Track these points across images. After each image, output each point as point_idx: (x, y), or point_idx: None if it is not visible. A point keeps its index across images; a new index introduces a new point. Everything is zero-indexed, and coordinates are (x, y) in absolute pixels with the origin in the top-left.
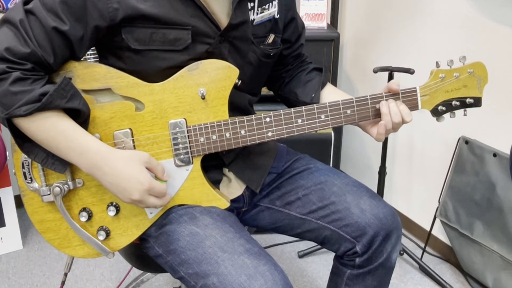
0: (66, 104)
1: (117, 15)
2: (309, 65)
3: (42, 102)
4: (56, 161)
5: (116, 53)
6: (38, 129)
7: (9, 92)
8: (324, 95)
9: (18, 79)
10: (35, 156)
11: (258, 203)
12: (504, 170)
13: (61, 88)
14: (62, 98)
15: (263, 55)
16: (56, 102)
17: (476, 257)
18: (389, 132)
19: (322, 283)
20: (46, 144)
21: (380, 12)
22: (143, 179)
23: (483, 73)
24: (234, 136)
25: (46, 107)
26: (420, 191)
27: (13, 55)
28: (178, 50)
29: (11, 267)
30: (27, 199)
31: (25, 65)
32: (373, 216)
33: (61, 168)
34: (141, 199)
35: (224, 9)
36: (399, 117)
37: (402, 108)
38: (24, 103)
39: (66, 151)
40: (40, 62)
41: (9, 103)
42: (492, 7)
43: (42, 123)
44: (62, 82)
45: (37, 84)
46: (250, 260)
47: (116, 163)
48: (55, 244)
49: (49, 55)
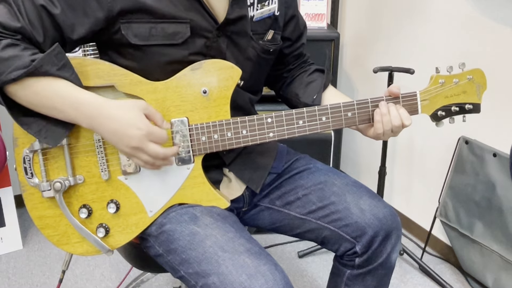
0: (57, 71)
1: (115, 5)
2: (311, 66)
3: (33, 65)
4: (50, 133)
5: (117, 50)
6: (31, 92)
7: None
8: (325, 97)
9: (9, 45)
10: (28, 127)
11: (258, 203)
12: (504, 170)
13: (52, 55)
14: (53, 65)
15: (263, 51)
16: (47, 67)
17: (476, 257)
18: (388, 134)
19: (322, 283)
20: (41, 106)
21: (380, 12)
22: (141, 124)
23: (482, 80)
24: (236, 136)
25: (37, 70)
26: (420, 191)
27: (3, 28)
28: (177, 44)
29: (11, 267)
30: (27, 195)
31: (15, 36)
32: (373, 216)
33: (54, 141)
34: (140, 145)
35: (222, 4)
36: (399, 120)
37: (401, 111)
38: (14, 68)
39: (62, 108)
40: (30, 39)
41: (0, 70)
42: (492, 7)
43: (35, 86)
44: (54, 49)
45: (28, 51)
46: (250, 260)
47: (114, 111)
48: (54, 240)
49: (39, 34)
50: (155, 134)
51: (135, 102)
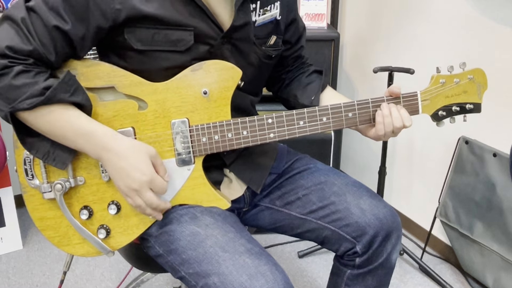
0: (70, 98)
1: (119, 15)
2: (310, 68)
3: (46, 96)
4: (57, 157)
5: (118, 53)
6: (43, 121)
7: (12, 86)
8: (324, 98)
9: (21, 71)
10: (36, 151)
11: (258, 203)
12: (504, 170)
13: (64, 82)
14: (66, 92)
15: (265, 56)
16: (60, 96)
17: (476, 257)
18: (389, 135)
19: (322, 283)
20: (53, 135)
21: (380, 12)
22: (147, 170)
23: (483, 80)
24: (236, 136)
25: (50, 100)
26: (420, 191)
27: (14, 52)
28: (180, 51)
29: (11, 267)
30: (27, 196)
31: (27, 60)
32: (373, 216)
33: (61, 164)
34: (139, 189)
35: (227, 11)
36: (400, 121)
37: (402, 112)
38: (27, 96)
39: (73, 138)
40: (42, 59)
41: (13, 96)
42: (492, 7)
43: (47, 115)
44: (66, 76)
45: (41, 77)
46: (251, 260)
47: (124, 149)
48: (54, 242)
49: (51, 53)
50: (157, 183)
51: (146, 147)
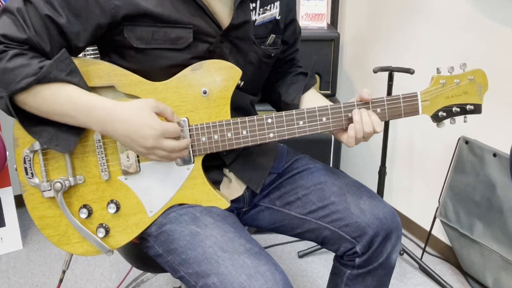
0: (66, 76)
1: (119, 12)
2: (297, 69)
3: (42, 72)
4: (61, 141)
5: (118, 51)
6: (41, 99)
7: (8, 69)
8: (304, 99)
9: (16, 54)
10: (39, 136)
11: (258, 203)
12: (504, 170)
13: (60, 60)
14: (62, 71)
15: (264, 55)
16: (56, 73)
17: (476, 257)
18: (359, 140)
19: (322, 283)
20: (52, 113)
21: (380, 12)
22: (154, 124)
23: (484, 80)
24: (236, 136)
25: (46, 78)
26: (420, 191)
27: (10, 39)
28: (179, 49)
29: (11, 267)
30: (27, 195)
31: (22, 46)
32: (373, 216)
33: (65, 148)
34: (156, 144)
35: (226, 9)
36: (371, 126)
37: (373, 118)
38: (23, 76)
39: (73, 114)
40: (37, 48)
41: (9, 79)
42: (492, 7)
43: (45, 93)
44: (62, 55)
45: (36, 59)
46: (250, 260)
47: (125, 114)
48: (54, 240)
49: (46, 43)
50: (169, 130)
51: (145, 102)
